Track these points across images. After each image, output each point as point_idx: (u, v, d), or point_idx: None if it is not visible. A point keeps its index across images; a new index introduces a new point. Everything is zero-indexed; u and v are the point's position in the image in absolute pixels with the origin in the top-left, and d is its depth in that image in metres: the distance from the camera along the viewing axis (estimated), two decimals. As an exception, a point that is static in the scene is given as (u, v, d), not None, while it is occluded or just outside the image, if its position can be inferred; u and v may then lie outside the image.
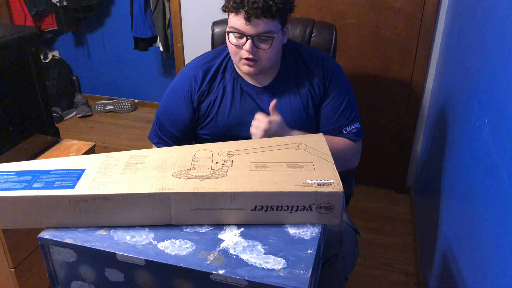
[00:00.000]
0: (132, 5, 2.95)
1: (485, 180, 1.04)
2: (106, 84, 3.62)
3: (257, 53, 1.21)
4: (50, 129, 1.60)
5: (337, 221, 0.88)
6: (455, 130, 1.46)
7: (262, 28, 1.16)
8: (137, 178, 0.91)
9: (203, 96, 1.32)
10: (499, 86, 1.01)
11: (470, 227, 1.13)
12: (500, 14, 1.08)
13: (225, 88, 1.32)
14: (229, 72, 1.33)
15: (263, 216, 0.88)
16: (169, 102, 1.36)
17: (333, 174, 0.90)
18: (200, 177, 0.90)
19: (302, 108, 1.31)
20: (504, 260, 0.85)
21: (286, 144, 1.03)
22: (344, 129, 1.32)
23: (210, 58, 1.36)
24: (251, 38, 1.18)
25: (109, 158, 0.99)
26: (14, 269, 1.42)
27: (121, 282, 0.86)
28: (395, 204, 2.39)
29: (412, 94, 2.24)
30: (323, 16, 2.18)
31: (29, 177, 0.91)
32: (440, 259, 1.44)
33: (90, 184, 0.89)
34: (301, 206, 0.86)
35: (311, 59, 1.33)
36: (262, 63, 1.23)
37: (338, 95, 1.32)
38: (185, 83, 1.33)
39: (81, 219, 0.88)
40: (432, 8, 2.04)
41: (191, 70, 1.35)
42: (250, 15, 1.14)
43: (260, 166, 0.94)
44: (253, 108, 1.31)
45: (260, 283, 0.75)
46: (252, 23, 1.15)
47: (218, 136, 1.32)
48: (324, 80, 1.31)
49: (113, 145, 3.03)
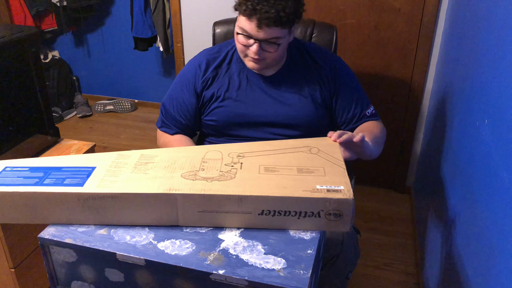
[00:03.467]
0: (132, 5, 2.95)
1: (485, 180, 1.03)
2: (106, 84, 3.61)
3: (263, 54, 1.23)
4: (50, 129, 1.60)
5: (346, 229, 0.85)
6: (455, 130, 1.46)
7: (271, 34, 1.19)
8: (145, 177, 0.91)
9: (207, 84, 1.35)
10: (499, 86, 1.01)
11: (470, 227, 1.13)
12: (500, 14, 1.08)
13: (231, 78, 1.35)
14: (235, 63, 1.36)
15: (270, 221, 0.86)
16: (175, 88, 1.41)
17: (344, 181, 0.88)
18: (208, 179, 0.89)
19: (309, 97, 1.33)
20: (505, 260, 0.85)
21: (298, 147, 1.02)
22: (367, 112, 1.38)
23: (216, 49, 1.41)
24: (259, 42, 1.20)
25: (120, 156, 1.00)
26: (14, 269, 1.41)
27: (121, 282, 0.86)
28: (395, 204, 2.39)
29: (412, 94, 2.24)
30: (323, 16, 2.18)
31: (41, 174, 0.93)
32: (440, 259, 1.44)
33: (99, 183, 0.89)
34: (309, 212, 0.85)
35: (316, 53, 1.38)
36: (267, 62, 1.27)
37: (350, 84, 1.37)
38: (190, 70, 1.39)
39: (90, 217, 0.89)
40: (432, 8, 2.04)
41: (197, 59, 1.40)
42: (261, 23, 1.16)
43: (270, 170, 0.92)
44: (259, 96, 1.34)
45: (260, 283, 0.75)
46: (262, 30, 1.18)
47: (223, 123, 1.35)
48: (332, 72, 1.35)
49: (113, 145, 3.03)
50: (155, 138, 1.50)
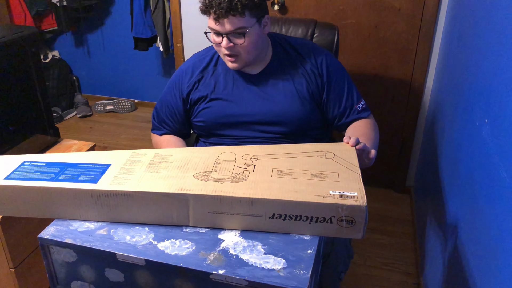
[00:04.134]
0: (132, 5, 2.94)
1: (485, 180, 1.03)
2: (106, 84, 3.61)
3: (235, 48, 1.25)
4: (50, 129, 1.60)
5: (358, 236, 0.84)
6: (455, 130, 1.46)
7: (233, 25, 1.20)
8: (158, 176, 0.91)
9: (193, 87, 1.38)
10: (499, 86, 1.01)
11: (470, 227, 1.13)
12: (500, 14, 1.08)
13: (218, 79, 1.37)
14: (221, 65, 1.38)
15: (281, 225, 0.85)
16: (165, 92, 1.46)
17: (358, 187, 0.87)
18: (220, 180, 0.89)
19: (295, 92, 1.34)
20: (505, 260, 0.85)
21: (313, 151, 1.01)
22: (358, 106, 1.38)
23: (203, 53, 1.44)
24: (226, 35, 1.22)
25: (135, 155, 1.01)
26: (14, 269, 1.41)
27: (121, 282, 0.86)
28: (395, 204, 2.39)
29: (412, 94, 2.24)
30: (323, 16, 2.17)
31: (57, 169, 0.95)
32: (440, 259, 1.44)
33: (113, 180, 0.90)
34: (321, 218, 0.84)
35: (302, 48, 1.38)
36: (243, 57, 1.27)
37: (339, 79, 1.37)
38: (177, 75, 1.44)
39: (102, 214, 0.90)
40: (432, 8, 2.04)
41: (185, 64, 1.45)
42: (218, 15, 1.18)
43: (283, 173, 0.92)
44: (246, 95, 1.35)
45: (260, 283, 0.75)
46: (221, 22, 1.20)
47: (211, 123, 1.37)
48: (319, 67, 1.35)
49: (113, 145, 3.03)
50: (154, 138, 1.52)
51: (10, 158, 1.01)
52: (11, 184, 0.91)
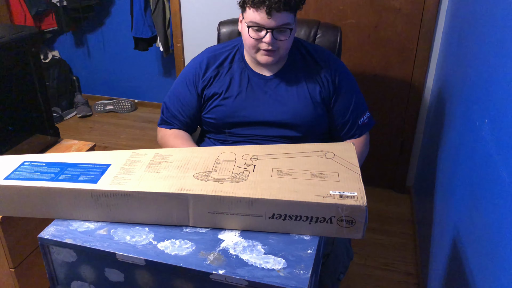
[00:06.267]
0: (132, 5, 2.95)
1: (485, 180, 1.03)
2: (106, 84, 3.62)
3: (276, 44, 1.26)
4: (50, 129, 1.60)
5: (358, 236, 0.84)
6: (455, 130, 1.46)
7: (282, 20, 1.21)
8: (158, 176, 0.91)
9: (208, 82, 1.38)
10: (499, 86, 1.01)
11: (470, 227, 1.13)
12: (500, 14, 1.08)
13: (233, 77, 1.37)
14: (236, 63, 1.38)
15: (281, 225, 0.85)
16: (176, 86, 1.44)
17: (358, 187, 0.87)
18: (220, 180, 0.89)
19: (308, 97, 1.35)
20: (505, 260, 0.85)
21: (313, 151, 1.01)
22: (360, 121, 1.40)
23: (219, 47, 1.43)
24: (271, 30, 1.22)
25: (135, 155, 1.01)
26: (14, 269, 1.41)
27: (121, 282, 0.86)
28: (395, 204, 2.39)
29: (412, 94, 2.24)
30: (323, 16, 2.18)
31: (57, 169, 0.95)
32: (440, 259, 1.44)
33: (113, 180, 0.90)
34: (321, 218, 0.84)
35: (318, 53, 1.39)
36: (280, 52, 1.29)
37: (349, 91, 1.38)
38: (191, 69, 1.41)
39: (102, 214, 0.90)
40: (432, 8, 2.04)
41: (199, 57, 1.43)
42: (271, 10, 1.19)
43: (282, 173, 0.92)
44: (259, 96, 1.35)
45: (260, 283, 0.75)
46: (273, 17, 1.20)
47: (222, 121, 1.37)
48: (332, 75, 1.36)
49: (113, 145, 3.03)
50: (155, 138, 1.51)
51: (10, 158, 1.01)
52: (11, 184, 0.90)
